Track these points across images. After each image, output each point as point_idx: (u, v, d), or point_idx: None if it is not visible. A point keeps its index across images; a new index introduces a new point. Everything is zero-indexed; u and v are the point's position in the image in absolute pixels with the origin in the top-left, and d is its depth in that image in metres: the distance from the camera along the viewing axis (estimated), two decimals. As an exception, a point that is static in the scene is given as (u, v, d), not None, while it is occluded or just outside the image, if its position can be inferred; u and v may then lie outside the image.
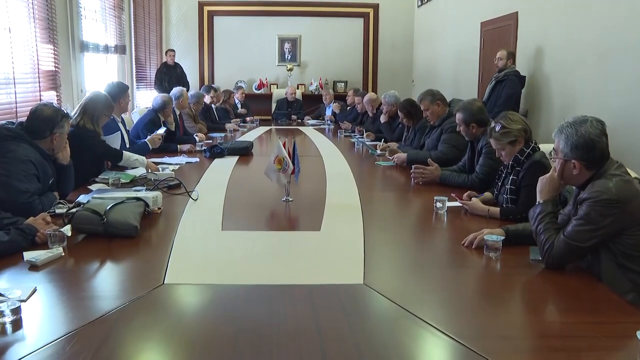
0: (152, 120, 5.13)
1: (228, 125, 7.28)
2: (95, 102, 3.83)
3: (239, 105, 9.22)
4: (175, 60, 9.47)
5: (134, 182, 3.55)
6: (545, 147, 2.92)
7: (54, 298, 1.86)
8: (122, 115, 4.72)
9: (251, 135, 6.75)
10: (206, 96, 7.50)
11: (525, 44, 6.24)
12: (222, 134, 6.70)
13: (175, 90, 6.06)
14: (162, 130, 4.95)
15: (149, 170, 3.91)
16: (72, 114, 3.69)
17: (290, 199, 3.14)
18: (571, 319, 1.73)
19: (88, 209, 2.47)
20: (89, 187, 3.41)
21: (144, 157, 4.16)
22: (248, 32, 10.78)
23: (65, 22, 5.99)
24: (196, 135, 5.86)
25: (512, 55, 5.98)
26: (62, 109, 3.10)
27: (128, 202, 2.58)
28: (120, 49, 7.85)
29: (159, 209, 2.85)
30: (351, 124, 7.40)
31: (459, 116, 3.51)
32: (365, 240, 2.44)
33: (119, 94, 4.50)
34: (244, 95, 9.46)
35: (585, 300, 1.85)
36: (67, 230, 2.34)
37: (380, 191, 3.79)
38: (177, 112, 5.92)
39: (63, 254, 2.18)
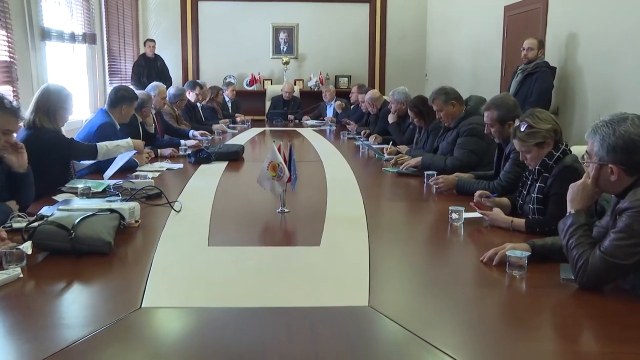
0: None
1: (215, 127, 7.30)
2: (47, 95, 3.76)
3: (229, 104, 9.23)
4: (156, 52, 9.51)
5: (107, 192, 3.55)
6: (578, 149, 2.92)
7: (8, 327, 1.84)
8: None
9: (242, 138, 6.77)
10: (191, 93, 7.52)
11: (555, 30, 6.20)
12: (209, 137, 6.71)
13: (150, 86, 6.07)
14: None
15: (130, 175, 3.90)
16: (26, 113, 3.61)
17: (286, 210, 3.15)
18: (611, 348, 1.71)
19: (53, 222, 2.45)
20: (54, 197, 3.41)
21: (127, 140, 4.15)
22: (238, 20, 10.82)
23: (21, 5, 5.90)
24: (193, 135, 5.95)
25: (542, 45, 5.95)
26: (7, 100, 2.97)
27: (100, 215, 2.58)
28: (90, 38, 7.85)
29: (137, 222, 2.85)
30: (356, 124, 7.41)
31: (491, 114, 3.48)
32: (370, 257, 2.44)
33: (124, 101, 4.61)
34: (234, 92, 9.47)
35: (628, 327, 1.83)
36: (26, 247, 2.31)
37: (388, 201, 3.79)
38: (153, 112, 5.92)
39: (21, 276, 2.16)
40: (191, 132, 6.31)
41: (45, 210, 2.95)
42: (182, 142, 5.74)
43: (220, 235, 2.82)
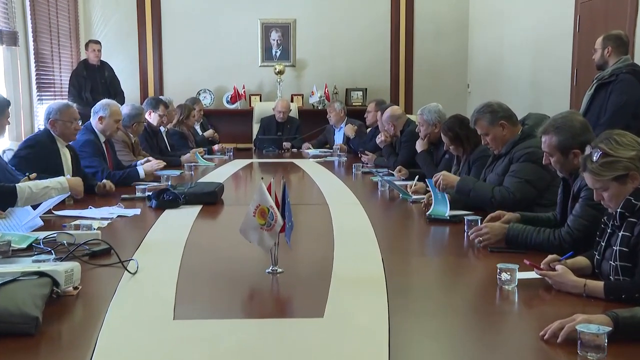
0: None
1: (185, 158, 7.33)
2: None
3: (198, 128, 9.25)
4: (102, 59, 9.54)
5: (34, 248, 3.52)
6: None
7: None
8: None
9: (221, 174, 6.81)
10: (152, 114, 7.54)
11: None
12: (177, 172, 6.73)
13: (99, 104, 6.07)
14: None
15: (67, 225, 3.92)
16: None
17: (278, 270, 3.16)
18: None
19: (-46, 291, 2.44)
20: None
21: (60, 179, 4.14)
22: (215, 16, 10.89)
23: None
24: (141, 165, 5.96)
25: (614, 41, 5.80)
26: None
27: (24, 280, 2.57)
28: (9, 38, 7.86)
29: (76, 288, 2.85)
30: (374, 154, 7.43)
31: (550, 140, 3.46)
32: (391, 332, 2.45)
33: None
34: (202, 112, 9.50)
35: None
36: None
37: (416, 256, 3.82)
38: (102, 139, 5.97)
39: None
40: (139, 162, 6.22)
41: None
42: (141, 171, 5.81)
43: (190, 305, 2.83)
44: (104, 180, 5.37)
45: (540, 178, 4.15)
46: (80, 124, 5.46)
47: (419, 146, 6.13)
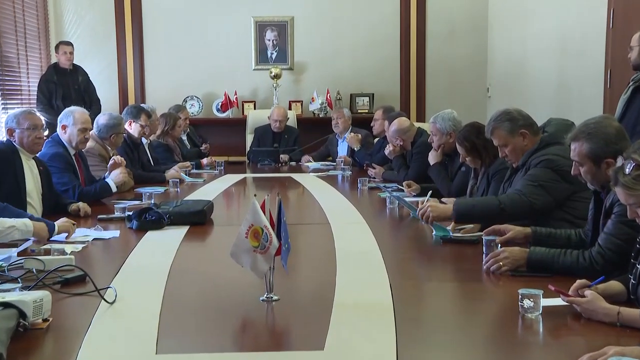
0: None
1: (170, 174, 7.34)
2: None
3: (185, 138, 9.26)
4: (75, 62, 9.55)
5: None
6: None
7: None
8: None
9: (210, 190, 6.82)
10: (132, 124, 7.52)
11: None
12: (161, 189, 6.74)
13: (63, 112, 6.05)
14: None
15: (35, 250, 3.92)
16: None
17: (274, 298, 3.17)
18: None
19: None
20: None
21: (25, 221, 4.18)
22: (203, 14, 10.92)
23: None
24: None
25: None
26: None
27: (-13, 312, 2.59)
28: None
29: (45, 321, 2.85)
30: (382, 168, 7.44)
31: (581, 147, 3.45)
32: (401, 367, 2.46)
33: None
34: (187, 121, 9.53)
35: None
36: None
37: (428, 281, 3.82)
38: (72, 152, 5.96)
39: None
40: (107, 176, 6.12)
41: None
42: (112, 185, 5.86)
43: (174, 338, 2.84)
44: (80, 204, 5.37)
45: (555, 186, 4.14)
46: (45, 133, 5.43)
47: (432, 158, 6.12)
